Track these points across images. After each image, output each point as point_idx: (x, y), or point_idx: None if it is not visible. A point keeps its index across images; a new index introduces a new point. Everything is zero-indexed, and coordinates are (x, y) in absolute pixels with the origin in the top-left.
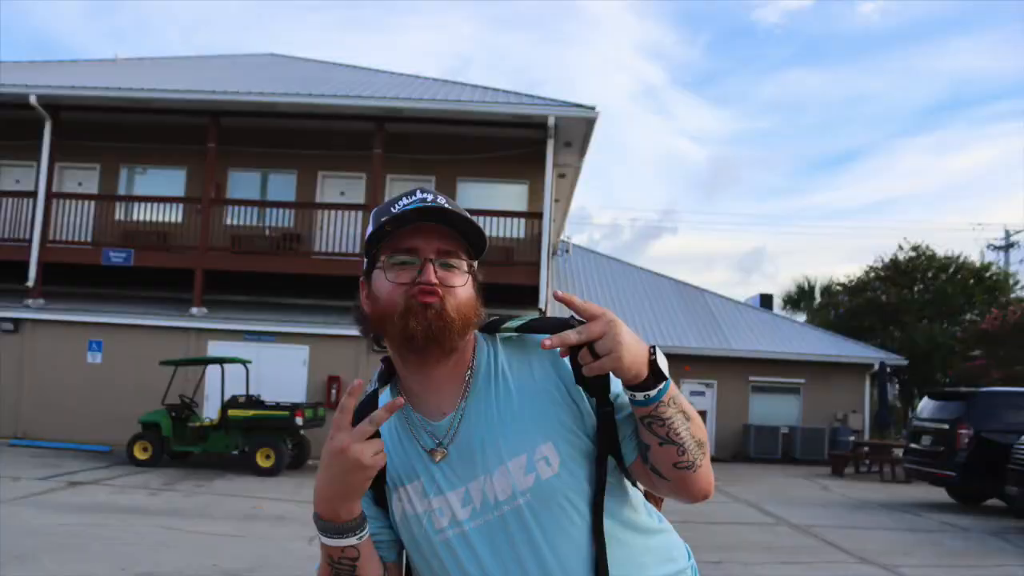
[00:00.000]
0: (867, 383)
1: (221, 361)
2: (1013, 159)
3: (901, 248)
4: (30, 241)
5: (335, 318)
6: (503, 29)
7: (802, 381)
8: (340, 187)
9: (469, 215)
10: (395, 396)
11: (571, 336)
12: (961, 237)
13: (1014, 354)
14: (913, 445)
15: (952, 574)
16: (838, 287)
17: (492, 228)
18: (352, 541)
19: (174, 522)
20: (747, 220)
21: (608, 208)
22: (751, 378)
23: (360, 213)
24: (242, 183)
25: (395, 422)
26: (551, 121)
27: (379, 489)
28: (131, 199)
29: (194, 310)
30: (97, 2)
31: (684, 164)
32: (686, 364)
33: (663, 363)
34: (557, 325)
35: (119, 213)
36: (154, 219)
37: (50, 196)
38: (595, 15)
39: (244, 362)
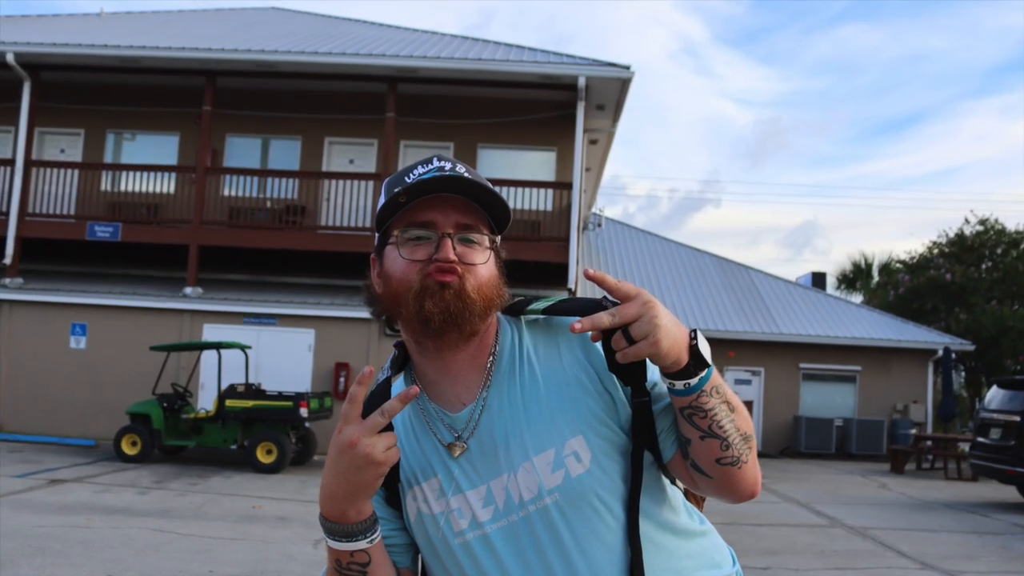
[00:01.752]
0: (930, 371)
1: (218, 346)
2: None
3: (967, 222)
4: (7, 214)
5: (343, 299)
6: None
7: (858, 368)
8: (349, 154)
9: (491, 185)
10: (409, 384)
11: (603, 319)
12: None
13: None
14: (980, 439)
15: None
16: (898, 265)
17: (516, 200)
18: (362, 545)
19: (166, 524)
20: (797, 191)
21: (644, 178)
22: (802, 365)
23: (371, 183)
24: (241, 150)
25: (410, 414)
26: (581, 82)
27: (392, 487)
28: (119, 168)
29: (188, 290)
30: None
31: (728, 129)
32: (730, 349)
33: (705, 348)
34: (588, 306)
35: (105, 183)
36: (144, 190)
37: (29, 164)
38: None
39: (243, 347)
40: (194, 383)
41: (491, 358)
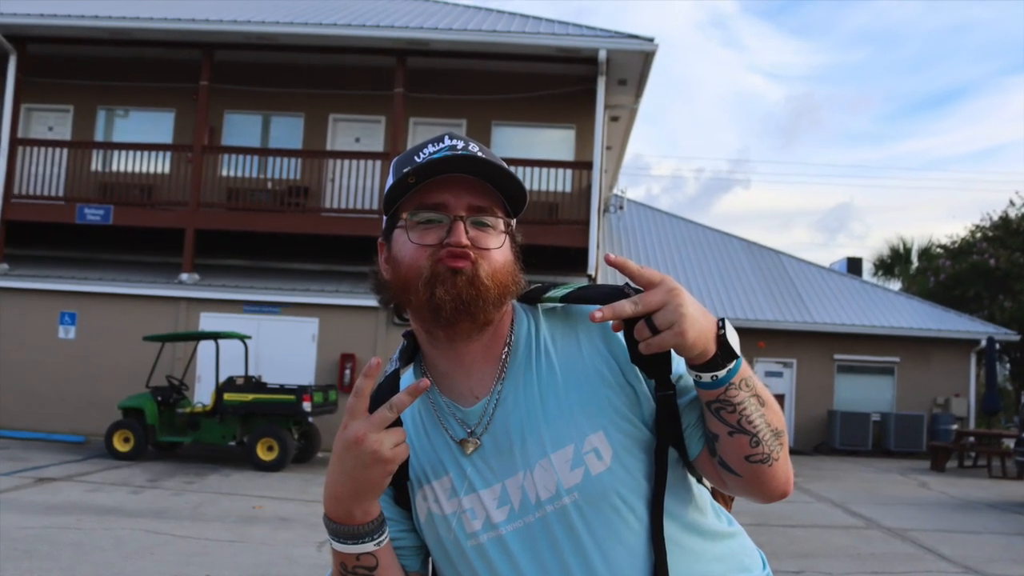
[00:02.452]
0: (972, 362)
1: (216, 336)
2: None
3: (1012, 204)
4: None
5: (349, 286)
6: None
7: (896, 360)
8: (355, 132)
9: (506, 165)
10: (419, 377)
11: (625, 307)
12: None
13: None
14: None
15: None
16: (938, 250)
17: (533, 180)
18: (369, 547)
19: (160, 525)
20: (832, 171)
21: (669, 157)
22: (837, 356)
23: (378, 163)
24: (240, 128)
25: (420, 408)
26: (602, 55)
27: (400, 486)
28: (110, 146)
29: (184, 276)
30: None
31: (758, 106)
32: (760, 340)
33: (733, 339)
34: (609, 294)
35: (96, 163)
36: (137, 170)
37: (15, 143)
38: None
39: (242, 337)
40: (190, 375)
41: (506, 349)
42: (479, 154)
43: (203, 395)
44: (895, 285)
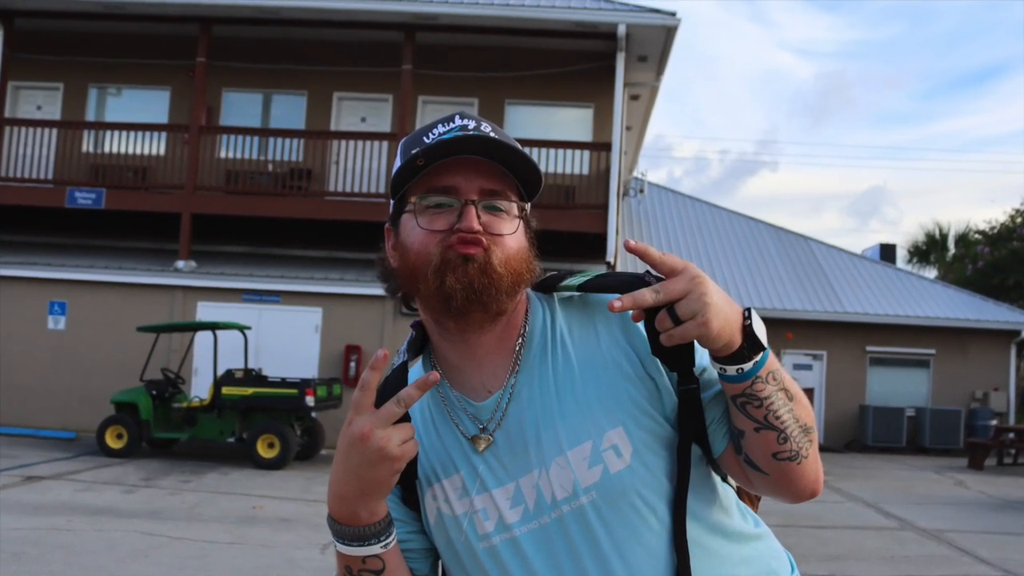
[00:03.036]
0: (1012, 354)
1: (213, 327)
2: None
3: None
4: None
5: (354, 274)
6: None
7: (932, 352)
8: (361, 112)
9: (520, 146)
10: (428, 370)
11: (646, 296)
12: None
13: None
14: None
15: None
16: (976, 235)
17: (549, 162)
18: (375, 549)
19: (155, 526)
20: (864, 153)
21: (692, 138)
22: (869, 348)
23: (385, 144)
24: (239, 107)
25: (429, 403)
26: (621, 30)
27: (409, 485)
28: (102, 126)
29: (180, 264)
30: None
31: (786, 84)
32: (789, 330)
33: (760, 329)
34: (629, 282)
35: (87, 144)
36: (131, 151)
37: (2, 123)
38: None
39: (242, 328)
40: (187, 368)
41: (520, 340)
42: (492, 135)
43: (200, 389)
44: (931, 273)
